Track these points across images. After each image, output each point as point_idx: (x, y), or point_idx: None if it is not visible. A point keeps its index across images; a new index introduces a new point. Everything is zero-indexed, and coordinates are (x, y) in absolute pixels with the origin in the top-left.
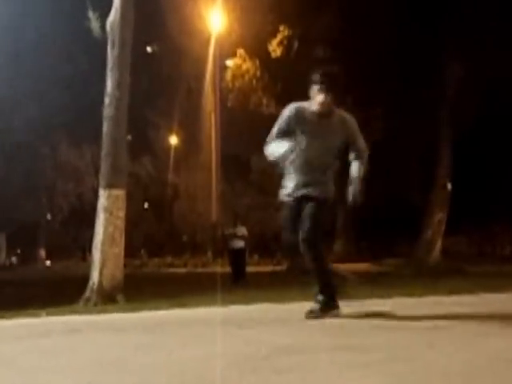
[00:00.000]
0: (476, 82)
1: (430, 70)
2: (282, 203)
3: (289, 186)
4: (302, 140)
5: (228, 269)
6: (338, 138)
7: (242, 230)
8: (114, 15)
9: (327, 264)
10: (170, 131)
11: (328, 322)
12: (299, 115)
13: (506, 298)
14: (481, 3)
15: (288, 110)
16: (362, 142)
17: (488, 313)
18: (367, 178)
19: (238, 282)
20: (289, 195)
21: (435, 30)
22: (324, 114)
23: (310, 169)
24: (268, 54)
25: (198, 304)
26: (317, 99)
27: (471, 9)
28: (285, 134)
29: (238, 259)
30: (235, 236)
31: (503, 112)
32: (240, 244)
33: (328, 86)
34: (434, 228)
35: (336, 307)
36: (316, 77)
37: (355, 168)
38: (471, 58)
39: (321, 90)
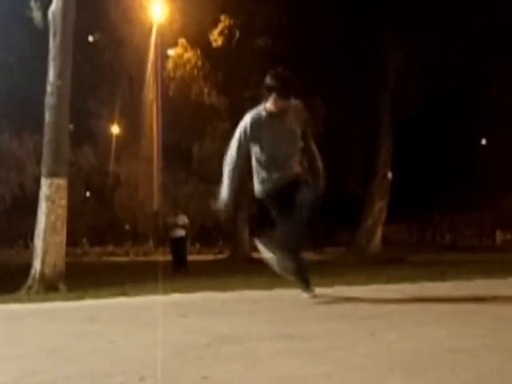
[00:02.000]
0: (415, 69)
1: (371, 57)
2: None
3: (262, 183)
4: (265, 142)
5: (169, 257)
6: (297, 128)
7: (183, 219)
8: (55, 4)
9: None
10: (111, 120)
11: (268, 310)
12: (255, 123)
13: (446, 287)
14: None
15: (244, 122)
16: (310, 131)
17: (428, 301)
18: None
19: (178, 271)
20: (266, 192)
21: (375, 17)
22: (279, 113)
23: (279, 165)
24: (209, 43)
25: (139, 292)
26: (271, 102)
27: None
28: (244, 146)
29: (178, 248)
30: (176, 225)
31: (442, 99)
32: (181, 233)
33: (282, 89)
34: (375, 217)
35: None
36: (271, 79)
37: (317, 158)
38: (410, 44)
39: (275, 95)
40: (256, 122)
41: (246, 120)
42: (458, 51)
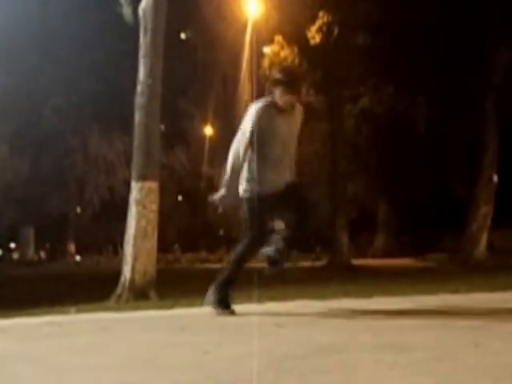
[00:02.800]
0: None
1: (476, 56)
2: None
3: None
4: (271, 137)
5: (265, 265)
6: (297, 128)
7: (280, 225)
8: (146, 0)
9: None
10: (204, 121)
11: (369, 319)
12: (266, 116)
13: None
14: None
15: (252, 112)
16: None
17: None
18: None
19: (275, 278)
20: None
21: (479, 12)
22: (288, 110)
23: (281, 164)
24: (307, 40)
25: (233, 301)
26: (282, 98)
27: None
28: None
29: None
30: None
31: None
32: None
33: (292, 87)
34: (480, 222)
35: None
36: (279, 77)
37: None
38: None
39: (286, 91)
40: (267, 115)
41: (257, 111)
42: None
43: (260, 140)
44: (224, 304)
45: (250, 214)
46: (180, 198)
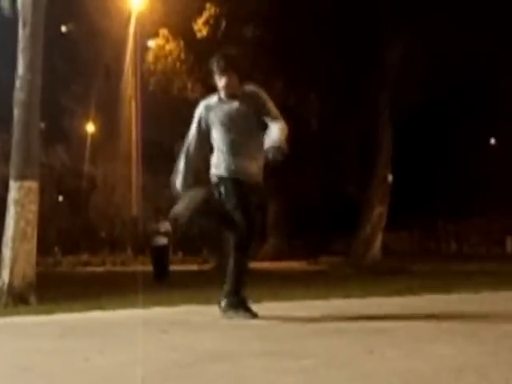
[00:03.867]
0: (416, 63)
1: (369, 49)
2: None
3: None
4: (220, 129)
5: (150, 267)
6: (252, 113)
7: (166, 226)
8: None
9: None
10: (86, 118)
11: (258, 325)
12: (209, 110)
13: (451, 300)
14: None
15: (197, 110)
16: (275, 112)
17: (432, 316)
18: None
19: (160, 282)
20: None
21: (374, 9)
22: (232, 96)
23: (237, 154)
24: (193, 33)
25: (117, 306)
26: (220, 84)
27: None
28: (200, 136)
29: (160, 257)
30: (158, 232)
31: (447, 96)
32: (163, 241)
33: (228, 68)
34: (374, 223)
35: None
36: (214, 61)
37: (274, 127)
38: (410, 35)
39: (222, 74)
40: (209, 107)
41: (200, 107)
42: (463, 43)
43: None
44: (245, 306)
45: (228, 196)
46: (60, 198)
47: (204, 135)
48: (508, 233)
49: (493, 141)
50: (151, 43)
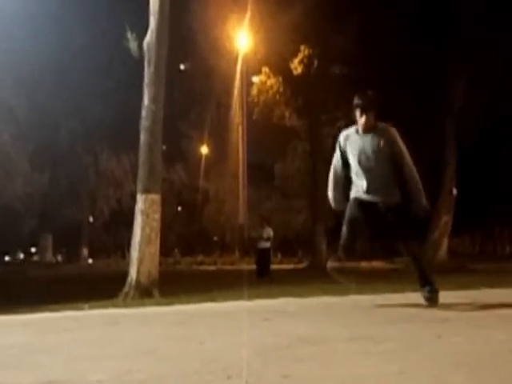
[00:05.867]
0: (480, 95)
1: (437, 83)
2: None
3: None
4: (356, 157)
5: (254, 266)
6: (386, 149)
7: (268, 232)
8: (150, 36)
9: None
10: (201, 142)
11: (345, 314)
12: (346, 139)
13: (506, 293)
14: (483, 17)
15: (339, 139)
16: (404, 151)
17: (490, 306)
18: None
19: (263, 279)
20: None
21: (441, 45)
22: (368, 130)
23: (371, 181)
24: (290, 71)
25: (226, 298)
26: (360, 120)
27: (474, 22)
28: (340, 161)
29: (263, 258)
30: (262, 237)
31: (504, 123)
32: (266, 244)
33: (368, 107)
34: (441, 229)
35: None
36: (358, 100)
37: (411, 178)
38: (475, 71)
39: (363, 112)
40: (347, 137)
41: (339, 137)
42: None
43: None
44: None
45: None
46: (179, 208)
47: (344, 160)
48: None
49: None
50: (255, 79)
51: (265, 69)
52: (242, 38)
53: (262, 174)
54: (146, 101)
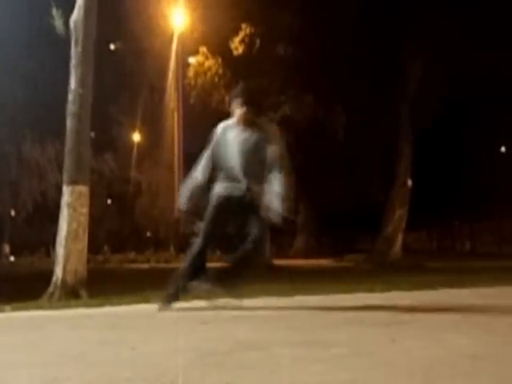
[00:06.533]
0: (437, 77)
1: (391, 66)
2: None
3: (228, 184)
4: (232, 152)
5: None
6: (263, 148)
7: (199, 227)
8: (77, 13)
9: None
10: (133, 128)
11: (290, 316)
12: (225, 132)
13: (466, 293)
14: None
15: (216, 131)
16: (277, 154)
17: (448, 308)
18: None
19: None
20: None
21: (395, 23)
22: (245, 125)
23: (246, 174)
24: (230, 51)
25: (161, 299)
26: (238, 113)
27: (430, 4)
28: (209, 158)
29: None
30: (194, 233)
31: (464, 107)
32: None
33: (248, 100)
34: (395, 224)
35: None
36: (237, 93)
37: (277, 181)
38: (431, 52)
39: (241, 104)
40: (226, 131)
41: (217, 130)
42: (480, 58)
43: (222, 153)
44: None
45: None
46: (109, 201)
47: (217, 153)
48: None
49: (503, 149)
50: (192, 60)
51: (202, 49)
52: (178, 16)
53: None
54: (72, 84)
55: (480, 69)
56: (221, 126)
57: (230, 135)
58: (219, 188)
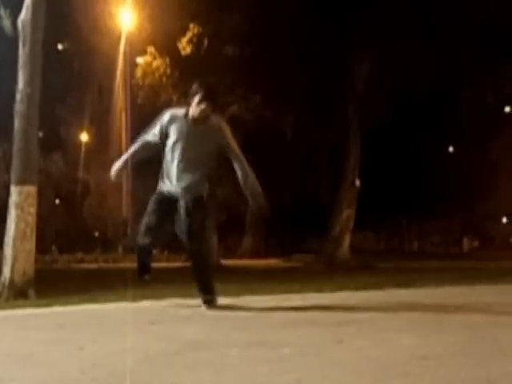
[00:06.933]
0: (384, 77)
1: (339, 66)
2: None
3: (166, 182)
4: (177, 143)
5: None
6: (213, 143)
7: None
8: (25, 13)
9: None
10: (81, 128)
11: (238, 317)
12: (172, 121)
13: (414, 293)
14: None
15: (164, 116)
16: (236, 148)
17: (397, 308)
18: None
19: (143, 278)
20: (166, 191)
21: (342, 25)
22: (199, 121)
23: (185, 170)
24: (178, 51)
25: (108, 299)
26: (196, 108)
27: (378, 3)
28: (154, 136)
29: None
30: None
31: (411, 107)
32: (145, 240)
33: (209, 96)
34: (343, 224)
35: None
36: (198, 87)
37: (244, 169)
38: (379, 53)
39: (202, 100)
40: (174, 119)
41: (166, 114)
42: (427, 61)
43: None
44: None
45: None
46: (57, 201)
47: (160, 140)
48: (465, 233)
49: (451, 149)
50: (140, 60)
51: (150, 49)
52: (126, 15)
53: (148, 162)
54: (20, 84)
55: (428, 69)
56: (169, 113)
57: (177, 126)
58: (160, 185)
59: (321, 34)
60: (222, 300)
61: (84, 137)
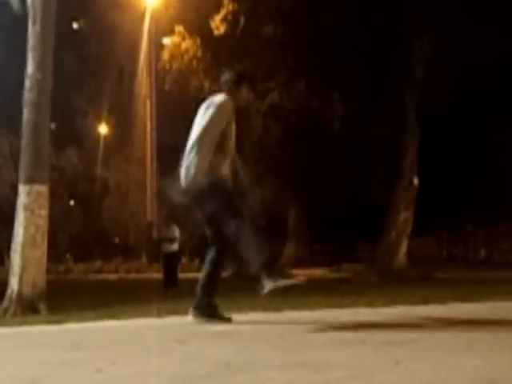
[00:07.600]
0: (445, 62)
1: (394, 47)
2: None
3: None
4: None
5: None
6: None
7: (173, 232)
8: None
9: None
10: (99, 119)
11: (279, 335)
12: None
13: (479, 308)
14: None
15: (229, 107)
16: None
17: (459, 325)
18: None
19: (168, 290)
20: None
21: (401, 6)
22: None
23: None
24: (210, 31)
25: (130, 315)
26: (243, 95)
27: None
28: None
29: (169, 264)
30: (166, 238)
31: (477, 96)
32: (172, 247)
33: (240, 83)
34: (399, 229)
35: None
36: (228, 75)
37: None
38: (439, 31)
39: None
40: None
41: (229, 106)
42: (491, 41)
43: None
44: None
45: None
46: (72, 202)
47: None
48: None
49: None
50: (167, 41)
51: (179, 28)
52: None
53: (176, 158)
54: (30, 68)
55: (489, 54)
56: (230, 102)
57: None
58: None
59: (373, 9)
60: (259, 315)
61: (102, 129)
